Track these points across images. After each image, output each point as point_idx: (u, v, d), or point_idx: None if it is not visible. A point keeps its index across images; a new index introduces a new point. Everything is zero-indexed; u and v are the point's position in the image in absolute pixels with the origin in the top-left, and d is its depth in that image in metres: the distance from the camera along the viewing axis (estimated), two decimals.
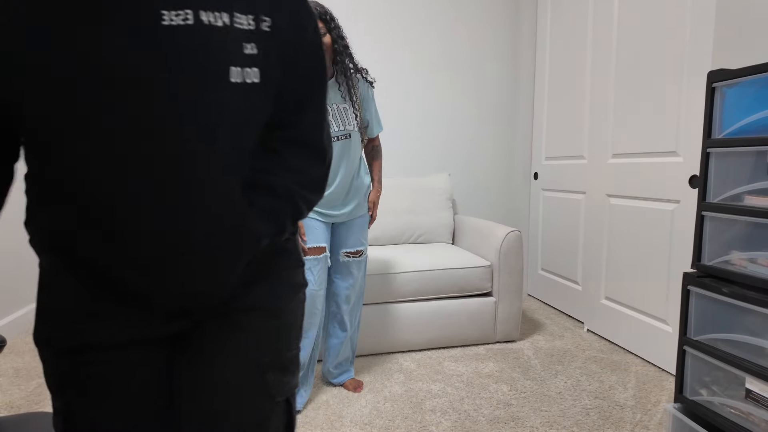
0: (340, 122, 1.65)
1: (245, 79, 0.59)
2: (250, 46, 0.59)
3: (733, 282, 1.27)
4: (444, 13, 3.09)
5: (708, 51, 1.79)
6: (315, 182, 0.74)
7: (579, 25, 2.62)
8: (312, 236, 1.71)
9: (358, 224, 1.84)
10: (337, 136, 1.66)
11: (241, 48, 0.58)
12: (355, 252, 1.84)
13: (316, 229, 1.72)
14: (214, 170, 0.60)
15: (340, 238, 1.83)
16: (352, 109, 1.67)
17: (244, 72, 0.59)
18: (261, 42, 0.60)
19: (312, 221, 1.72)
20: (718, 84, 1.31)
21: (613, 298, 2.38)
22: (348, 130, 1.67)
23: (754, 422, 1.18)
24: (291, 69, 0.65)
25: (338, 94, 1.66)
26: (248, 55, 0.59)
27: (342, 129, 1.66)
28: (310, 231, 1.71)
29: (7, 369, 2.10)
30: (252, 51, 0.59)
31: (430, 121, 3.13)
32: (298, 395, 1.71)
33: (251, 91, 0.60)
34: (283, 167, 0.69)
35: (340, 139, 1.66)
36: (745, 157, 1.24)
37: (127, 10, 0.53)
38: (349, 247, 1.83)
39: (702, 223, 1.35)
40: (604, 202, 2.42)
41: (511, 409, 1.75)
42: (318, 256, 1.71)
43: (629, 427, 1.63)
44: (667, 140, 2.00)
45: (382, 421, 1.67)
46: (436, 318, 2.27)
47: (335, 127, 1.65)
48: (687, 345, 1.37)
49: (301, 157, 0.71)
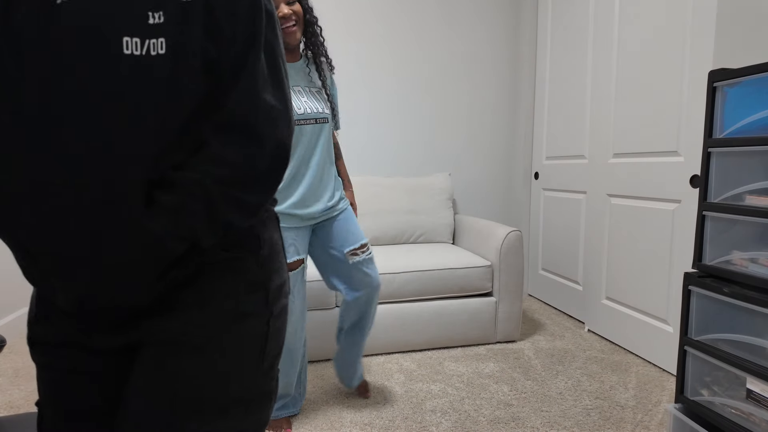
0: (317, 104, 1.49)
1: (149, 51, 0.52)
2: (157, 15, 0.52)
3: (734, 282, 1.26)
4: (445, 13, 3.09)
5: (709, 50, 1.79)
6: (252, 176, 0.60)
7: (580, 23, 2.62)
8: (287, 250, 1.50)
9: (346, 216, 1.60)
10: (315, 118, 1.48)
11: (144, 18, 0.52)
12: (361, 247, 1.59)
13: (289, 240, 1.50)
14: (108, 166, 0.53)
15: (333, 237, 1.57)
16: (326, 90, 1.52)
17: (146, 43, 0.52)
18: (173, 9, 0.53)
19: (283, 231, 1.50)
20: (719, 83, 1.31)
21: (613, 298, 2.38)
22: (327, 113, 1.50)
23: (755, 422, 1.17)
24: (218, 38, 0.57)
25: (311, 77, 1.50)
26: (153, 25, 0.52)
27: (320, 111, 1.49)
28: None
29: (6, 369, 2.10)
30: (158, 20, 0.52)
31: (431, 121, 3.13)
32: (291, 404, 1.67)
33: (156, 65, 0.53)
34: (203, 160, 0.58)
35: (318, 122, 1.48)
36: (747, 157, 1.24)
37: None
38: (351, 244, 1.57)
39: (703, 222, 1.35)
40: (605, 202, 2.42)
41: (512, 410, 1.75)
42: (295, 271, 1.52)
43: (630, 427, 1.63)
44: (668, 140, 1.99)
45: (383, 422, 1.66)
46: (437, 318, 2.26)
47: (314, 107, 1.48)
48: (688, 345, 1.37)
49: (229, 145, 0.58)
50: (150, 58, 0.52)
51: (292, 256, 1.51)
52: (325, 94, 1.52)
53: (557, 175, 2.90)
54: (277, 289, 0.68)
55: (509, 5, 3.16)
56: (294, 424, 1.65)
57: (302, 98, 1.47)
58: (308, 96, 1.49)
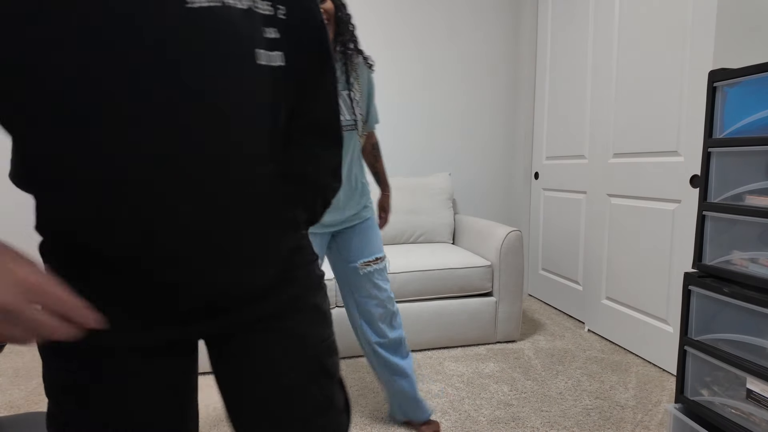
0: (344, 110, 1.40)
1: (271, 63, 0.58)
2: (271, 30, 0.58)
3: (734, 282, 1.26)
4: (445, 13, 3.09)
5: (709, 50, 1.79)
6: (334, 170, 0.74)
7: (580, 23, 2.62)
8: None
9: (367, 227, 1.55)
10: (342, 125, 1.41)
11: (263, 32, 0.58)
12: (376, 260, 1.53)
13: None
14: (247, 157, 0.58)
15: (350, 248, 1.53)
16: (351, 95, 1.42)
17: (269, 55, 0.58)
18: (280, 27, 0.60)
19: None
20: (719, 83, 1.31)
21: (613, 298, 2.38)
22: (352, 119, 1.42)
23: (755, 422, 1.17)
24: (303, 54, 0.64)
25: (341, 78, 1.39)
26: (271, 39, 0.58)
27: (346, 118, 1.41)
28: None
29: (6, 369, 2.10)
30: (274, 35, 0.59)
31: (431, 121, 3.13)
32: None
33: (278, 76, 0.59)
34: (306, 156, 0.69)
35: (345, 130, 1.40)
36: (747, 157, 1.24)
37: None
38: (366, 256, 1.52)
39: (703, 222, 1.35)
40: (605, 202, 2.41)
41: (512, 410, 1.75)
42: None
43: (630, 427, 1.63)
44: (668, 140, 1.99)
45: (383, 421, 1.66)
46: (437, 318, 2.26)
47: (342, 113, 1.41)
48: (688, 345, 1.37)
49: (320, 144, 0.71)
50: (273, 70, 0.58)
51: None
52: (349, 98, 1.41)
53: (557, 175, 2.90)
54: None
55: (509, 5, 3.16)
56: None
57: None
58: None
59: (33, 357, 2.22)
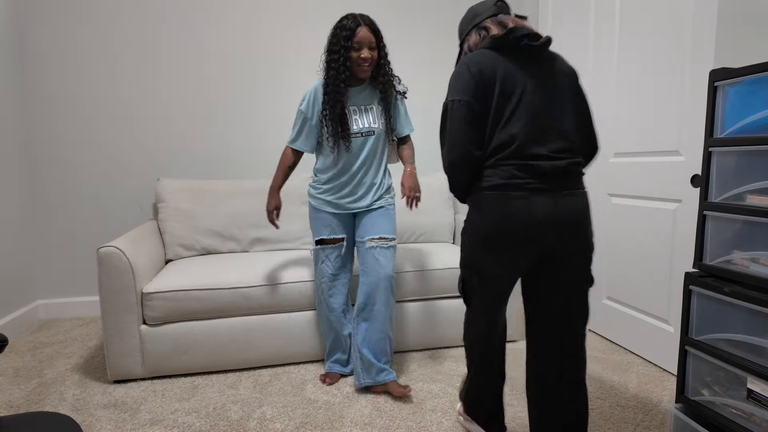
0: (366, 120, 1.85)
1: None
2: None
3: (735, 282, 1.26)
4: (444, 12, 3.09)
5: (710, 50, 1.78)
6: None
7: (580, 22, 2.62)
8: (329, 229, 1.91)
9: (382, 213, 1.90)
10: (360, 132, 1.83)
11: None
12: (381, 238, 1.86)
13: (326, 221, 1.90)
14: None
15: (363, 225, 1.90)
16: (378, 111, 1.87)
17: None
18: None
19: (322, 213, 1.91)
20: (720, 83, 1.31)
21: (614, 297, 2.38)
22: (373, 127, 1.85)
23: (755, 422, 1.17)
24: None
25: (366, 97, 1.86)
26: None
27: (367, 126, 1.85)
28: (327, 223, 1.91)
29: (7, 368, 2.10)
30: None
31: (431, 121, 3.12)
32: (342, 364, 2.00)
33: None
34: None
35: (363, 135, 1.84)
36: (747, 157, 1.23)
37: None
38: (375, 234, 1.87)
39: (704, 222, 1.35)
40: (606, 202, 2.41)
41: (512, 409, 1.74)
42: (335, 245, 1.91)
43: (630, 427, 1.62)
44: (669, 139, 1.99)
45: (383, 421, 1.66)
46: (437, 318, 2.26)
47: (363, 123, 1.84)
48: (689, 345, 1.36)
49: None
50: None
51: (329, 234, 1.89)
52: (378, 109, 1.87)
53: None
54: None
55: (510, 4, 3.15)
56: (294, 424, 1.66)
57: (354, 116, 1.84)
58: (359, 114, 1.85)
59: (33, 356, 2.23)
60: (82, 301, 2.85)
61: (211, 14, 2.82)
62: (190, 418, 1.70)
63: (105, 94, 2.75)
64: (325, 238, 1.91)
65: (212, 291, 1.99)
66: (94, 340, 2.44)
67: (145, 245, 2.17)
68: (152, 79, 2.79)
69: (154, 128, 2.82)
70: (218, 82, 2.86)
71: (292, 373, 2.05)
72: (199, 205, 2.55)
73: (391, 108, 1.89)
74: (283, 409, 1.76)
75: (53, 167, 2.74)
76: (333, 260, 1.91)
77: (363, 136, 1.84)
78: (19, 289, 2.61)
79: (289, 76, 2.95)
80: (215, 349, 2.02)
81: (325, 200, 1.90)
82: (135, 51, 2.75)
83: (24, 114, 2.68)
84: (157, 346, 1.96)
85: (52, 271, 2.81)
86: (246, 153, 2.94)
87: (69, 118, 2.73)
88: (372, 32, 1.74)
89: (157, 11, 2.75)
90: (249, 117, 2.92)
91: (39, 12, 2.64)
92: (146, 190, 2.85)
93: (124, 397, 1.85)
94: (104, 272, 1.88)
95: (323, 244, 1.91)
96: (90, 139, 2.76)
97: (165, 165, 2.85)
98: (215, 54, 2.84)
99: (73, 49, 2.69)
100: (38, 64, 2.67)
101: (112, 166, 2.80)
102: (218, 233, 2.54)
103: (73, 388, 1.92)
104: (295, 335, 2.10)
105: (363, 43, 1.73)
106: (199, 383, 1.96)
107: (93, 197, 2.80)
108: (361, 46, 1.73)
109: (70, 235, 2.80)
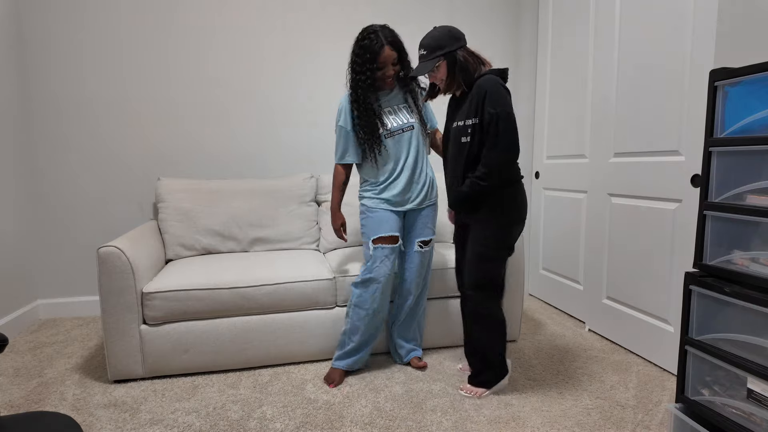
0: (403, 117, 1.94)
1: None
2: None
3: (735, 281, 1.26)
4: (445, 12, 3.09)
5: (710, 49, 1.78)
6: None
7: (581, 22, 2.61)
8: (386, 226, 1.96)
9: (429, 213, 2.03)
10: (401, 128, 1.93)
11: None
12: (429, 241, 2.02)
13: (384, 218, 1.96)
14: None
15: (414, 225, 2.02)
16: (410, 107, 1.97)
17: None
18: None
19: (383, 212, 1.97)
20: (720, 83, 1.31)
21: (614, 297, 2.38)
22: (411, 122, 1.95)
23: (755, 422, 1.17)
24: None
25: (395, 97, 1.97)
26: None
27: (405, 122, 1.94)
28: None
29: (7, 368, 2.11)
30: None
31: None
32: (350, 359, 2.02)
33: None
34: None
35: (404, 131, 1.94)
36: (747, 157, 1.23)
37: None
38: (424, 236, 2.01)
39: (704, 222, 1.35)
40: (606, 202, 2.41)
41: (512, 409, 1.74)
42: (395, 245, 1.95)
43: (630, 427, 1.63)
44: (669, 139, 1.99)
45: (383, 421, 1.66)
46: (437, 317, 2.26)
47: (401, 120, 1.94)
48: (689, 345, 1.36)
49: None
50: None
51: (388, 231, 1.94)
52: (409, 106, 1.97)
53: (558, 175, 2.89)
54: None
55: (510, 4, 3.16)
56: (294, 423, 1.66)
57: (391, 116, 1.94)
58: (395, 114, 1.94)
59: (33, 356, 2.23)
60: (82, 300, 2.85)
61: (212, 14, 2.82)
62: (190, 417, 1.70)
63: (105, 94, 2.75)
64: (384, 236, 1.91)
65: (212, 291, 1.99)
66: (94, 340, 2.44)
67: (145, 245, 2.17)
68: (153, 79, 2.79)
69: (155, 128, 2.82)
70: (219, 82, 2.86)
71: (292, 373, 2.05)
72: (199, 204, 2.55)
73: (419, 102, 1.99)
74: (283, 408, 1.76)
75: (53, 167, 2.74)
76: (392, 261, 1.93)
77: (403, 132, 1.92)
78: (19, 289, 2.61)
79: (290, 76, 2.95)
80: (215, 349, 2.02)
81: (382, 198, 1.95)
82: (136, 51, 2.76)
83: (24, 114, 2.68)
84: (157, 345, 1.96)
85: (53, 271, 2.81)
86: (246, 153, 2.94)
87: (69, 118, 2.73)
88: (395, 49, 1.83)
89: (157, 11, 2.75)
90: (249, 117, 2.92)
91: (40, 12, 2.64)
92: (146, 190, 2.86)
93: (124, 396, 1.85)
94: (104, 272, 1.88)
95: (382, 243, 1.91)
96: (90, 139, 2.76)
97: (165, 165, 2.85)
98: (216, 54, 2.84)
99: (74, 49, 2.69)
100: (39, 64, 2.67)
101: (112, 165, 2.80)
102: (218, 233, 2.54)
103: (73, 388, 1.92)
104: (295, 335, 2.10)
105: (387, 62, 1.82)
106: (199, 383, 1.96)
107: (93, 197, 2.80)
108: (385, 64, 1.82)
109: (71, 235, 2.80)
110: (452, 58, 1.73)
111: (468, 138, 1.73)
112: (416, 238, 2.00)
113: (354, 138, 1.94)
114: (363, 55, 1.80)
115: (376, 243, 1.92)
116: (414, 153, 1.95)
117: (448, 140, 1.86)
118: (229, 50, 2.85)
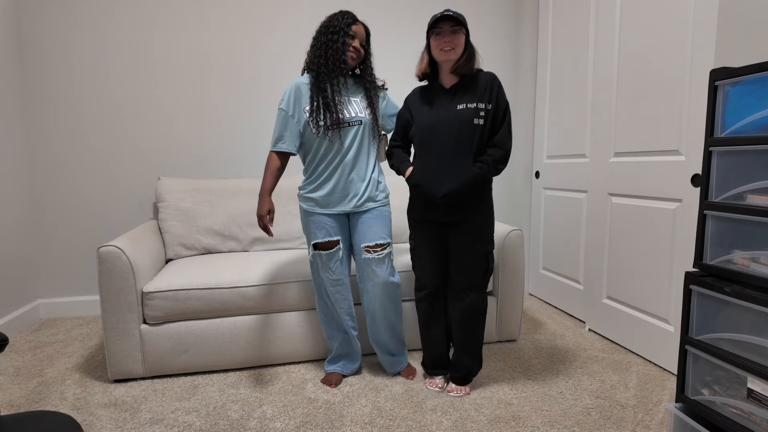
0: (351, 110, 1.83)
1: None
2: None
3: (736, 281, 1.26)
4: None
5: (710, 49, 1.78)
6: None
7: (581, 22, 2.61)
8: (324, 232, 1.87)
9: (376, 215, 1.88)
10: (348, 121, 1.81)
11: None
12: (376, 246, 1.85)
13: (321, 223, 1.86)
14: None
15: (357, 230, 1.88)
16: (363, 103, 1.87)
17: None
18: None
19: (315, 216, 1.86)
20: (720, 82, 1.31)
21: (614, 297, 2.38)
22: (360, 117, 1.84)
23: (755, 422, 1.17)
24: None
25: (351, 87, 1.89)
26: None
27: (354, 115, 1.83)
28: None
29: (7, 368, 2.11)
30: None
31: None
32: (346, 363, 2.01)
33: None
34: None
35: (351, 125, 1.81)
36: (748, 156, 1.23)
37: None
38: (368, 241, 1.85)
39: (704, 222, 1.35)
40: (606, 201, 2.41)
41: (512, 409, 1.74)
42: (332, 250, 1.87)
43: (630, 426, 1.63)
44: (670, 139, 1.99)
45: (383, 421, 1.66)
46: None
47: (351, 111, 1.83)
48: (689, 344, 1.36)
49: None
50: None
51: (324, 237, 1.84)
52: (365, 102, 1.86)
53: (558, 174, 2.89)
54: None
55: (510, 4, 3.15)
56: (294, 423, 1.66)
57: (340, 106, 1.80)
58: (345, 105, 1.82)
59: (33, 356, 2.23)
60: (82, 300, 2.85)
61: (212, 14, 2.82)
62: (190, 417, 1.70)
63: (106, 94, 2.75)
64: (320, 242, 1.83)
65: (212, 290, 1.99)
66: (94, 340, 2.45)
67: (146, 245, 2.17)
68: (153, 79, 2.79)
69: (155, 128, 2.82)
70: (219, 82, 2.86)
71: (292, 373, 2.05)
72: (199, 204, 2.55)
73: (375, 102, 1.88)
74: (284, 408, 1.76)
75: (53, 167, 2.74)
76: (333, 266, 1.85)
77: (349, 126, 1.80)
78: (19, 289, 2.61)
79: (290, 75, 2.95)
80: (215, 349, 2.02)
81: (314, 199, 1.83)
82: (135, 51, 2.75)
83: (24, 114, 2.68)
84: (158, 345, 1.96)
85: (53, 271, 2.81)
86: (246, 153, 2.94)
87: (69, 118, 2.73)
88: (365, 32, 1.86)
89: (157, 11, 2.75)
90: (249, 117, 2.92)
91: (38, 12, 2.64)
92: (146, 190, 2.86)
93: (124, 396, 1.85)
94: (104, 272, 1.88)
95: (320, 249, 1.84)
96: (90, 139, 2.76)
97: (165, 165, 2.85)
98: (216, 54, 2.84)
99: (73, 49, 2.69)
100: (38, 65, 2.67)
101: (112, 165, 2.80)
102: (218, 233, 2.54)
103: (73, 388, 1.92)
104: (295, 335, 2.10)
105: (357, 35, 1.81)
106: (199, 382, 1.96)
107: (93, 197, 2.80)
108: (356, 36, 1.81)
109: (71, 235, 2.80)
110: (468, 38, 1.76)
111: (481, 120, 1.72)
112: (361, 243, 1.84)
113: (294, 125, 1.79)
114: (339, 20, 1.76)
115: (315, 249, 1.86)
116: (355, 150, 1.82)
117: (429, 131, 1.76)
118: (228, 49, 2.85)
